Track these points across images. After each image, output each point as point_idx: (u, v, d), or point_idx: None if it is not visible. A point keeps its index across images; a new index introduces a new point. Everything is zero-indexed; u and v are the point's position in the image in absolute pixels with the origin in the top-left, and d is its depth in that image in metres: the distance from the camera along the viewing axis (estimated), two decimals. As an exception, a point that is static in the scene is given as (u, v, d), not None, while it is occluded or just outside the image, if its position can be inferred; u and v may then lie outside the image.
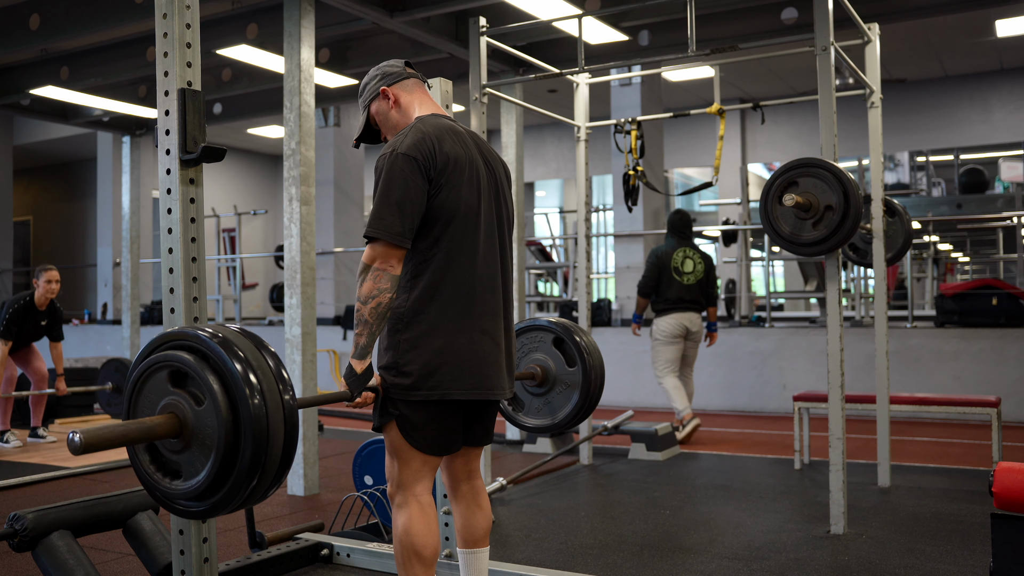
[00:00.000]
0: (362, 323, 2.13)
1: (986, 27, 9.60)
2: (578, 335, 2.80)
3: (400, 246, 2.14)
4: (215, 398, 1.74)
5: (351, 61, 6.57)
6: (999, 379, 7.01)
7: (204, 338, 1.79)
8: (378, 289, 2.12)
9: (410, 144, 2.17)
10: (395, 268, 2.14)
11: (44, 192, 15.99)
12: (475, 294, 2.24)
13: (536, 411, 2.89)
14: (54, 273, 6.16)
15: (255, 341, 1.83)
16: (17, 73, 7.22)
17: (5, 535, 2.50)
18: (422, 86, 2.43)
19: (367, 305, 2.12)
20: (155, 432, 1.78)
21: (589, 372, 2.78)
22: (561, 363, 2.84)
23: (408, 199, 2.13)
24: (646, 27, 5.84)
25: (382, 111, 2.38)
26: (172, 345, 1.84)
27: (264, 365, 1.78)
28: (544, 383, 2.86)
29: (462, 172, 2.23)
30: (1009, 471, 2.32)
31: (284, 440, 1.77)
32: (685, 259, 6.23)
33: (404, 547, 2.22)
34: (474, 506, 2.44)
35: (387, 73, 2.39)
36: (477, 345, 2.22)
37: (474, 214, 2.25)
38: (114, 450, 5.98)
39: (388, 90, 2.37)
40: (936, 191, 14.12)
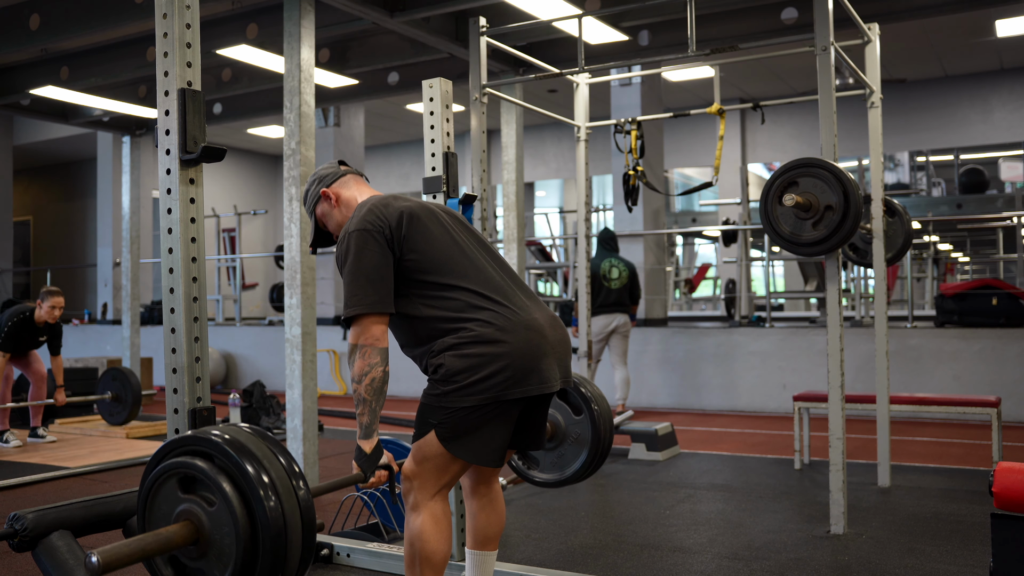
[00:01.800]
0: (361, 402, 2.14)
1: (986, 27, 9.60)
2: (583, 386, 2.81)
3: (380, 313, 2.15)
4: (231, 505, 1.72)
5: (351, 61, 6.57)
6: (999, 379, 7.01)
7: (216, 443, 1.78)
8: (369, 365, 2.13)
9: (358, 220, 2.23)
10: (381, 341, 2.15)
11: (44, 192, 15.99)
12: (504, 300, 2.23)
13: (549, 467, 2.91)
14: (59, 300, 6.15)
15: (266, 440, 1.82)
16: (17, 73, 7.22)
17: (5, 535, 2.50)
18: (359, 179, 2.49)
19: (362, 384, 2.13)
20: (172, 542, 1.76)
21: (597, 422, 2.79)
22: (568, 414, 2.85)
23: (372, 268, 2.17)
24: (646, 27, 5.84)
25: (326, 212, 2.44)
26: (182, 451, 1.83)
27: (277, 465, 1.77)
28: (554, 438, 2.87)
29: (419, 219, 2.27)
30: (1009, 471, 2.32)
31: (303, 537, 1.75)
32: (611, 268, 7.35)
33: (415, 551, 2.22)
34: (489, 508, 2.44)
35: (323, 176, 2.46)
36: (524, 343, 2.18)
37: (455, 243, 2.28)
38: (114, 451, 5.98)
39: (328, 191, 2.43)
40: (936, 191, 14.13)
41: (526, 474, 2.93)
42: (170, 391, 2.21)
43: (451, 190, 3.04)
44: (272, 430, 6.72)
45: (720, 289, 12.15)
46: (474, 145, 4.20)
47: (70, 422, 7.20)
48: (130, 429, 6.71)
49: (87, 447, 6.19)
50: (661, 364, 8.34)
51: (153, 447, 6.11)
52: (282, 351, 10.05)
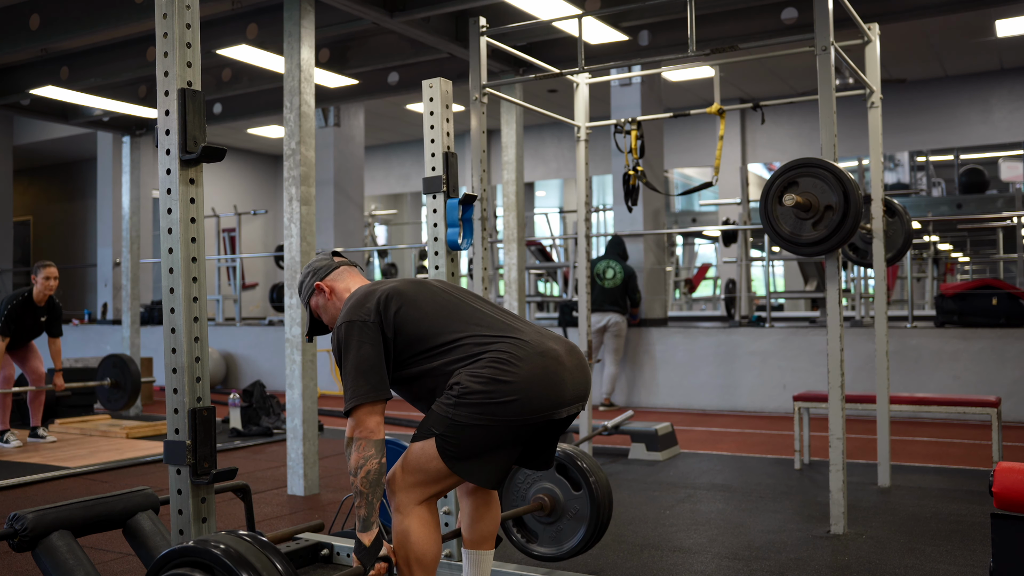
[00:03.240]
0: (359, 495, 2.15)
1: (986, 27, 9.60)
2: (580, 460, 2.81)
3: (375, 401, 2.16)
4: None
5: (351, 61, 6.57)
6: (999, 379, 7.01)
7: (217, 555, 1.79)
8: (364, 458, 2.14)
9: (346, 312, 2.27)
10: (376, 433, 2.16)
11: (44, 192, 15.98)
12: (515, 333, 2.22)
13: (548, 540, 2.92)
14: (52, 270, 6.16)
15: (264, 548, 1.82)
16: (17, 73, 7.22)
17: (5, 535, 2.50)
18: (352, 270, 2.52)
19: (358, 476, 2.14)
20: None
21: (596, 497, 2.80)
22: (567, 489, 2.86)
23: (362, 359, 2.19)
24: (646, 27, 5.84)
25: (321, 304, 2.48)
26: (183, 562, 1.83)
27: (273, 572, 1.78)
28: (553, 512, 2.88)
29: (404, 293, 2.29)
30: (1009, 471, 2.31)
31: None
32: (607, 268, 7.91)
33: (407, 553, 2.22)
34: (484, 508, 2.44)
35: (317, 269, 2.50)
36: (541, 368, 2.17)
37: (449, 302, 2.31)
38: (115, 450, 5.98)
39: (321, 284, 2.46)
40: (936, 191, 14.13)
41: (525, 547, 2.95)
42: (170, 391, 2.21)
43: (451, 190, 3.04)
44: (272, 430, 6.72)
45: (720, 289, 12.15)
46: (474, 145, 4.20)
47: (70, 422, 7.20)
48: (130, 429, 6.71)
49: (87, 447, 6.19)
50: (661, 364, 8.34)
51: (153, 447, 6.11)
52: (282, 351, 10.04)
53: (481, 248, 4.43)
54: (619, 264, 7.95)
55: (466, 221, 3.04)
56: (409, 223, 17.57)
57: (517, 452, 2.24)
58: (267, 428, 6.70)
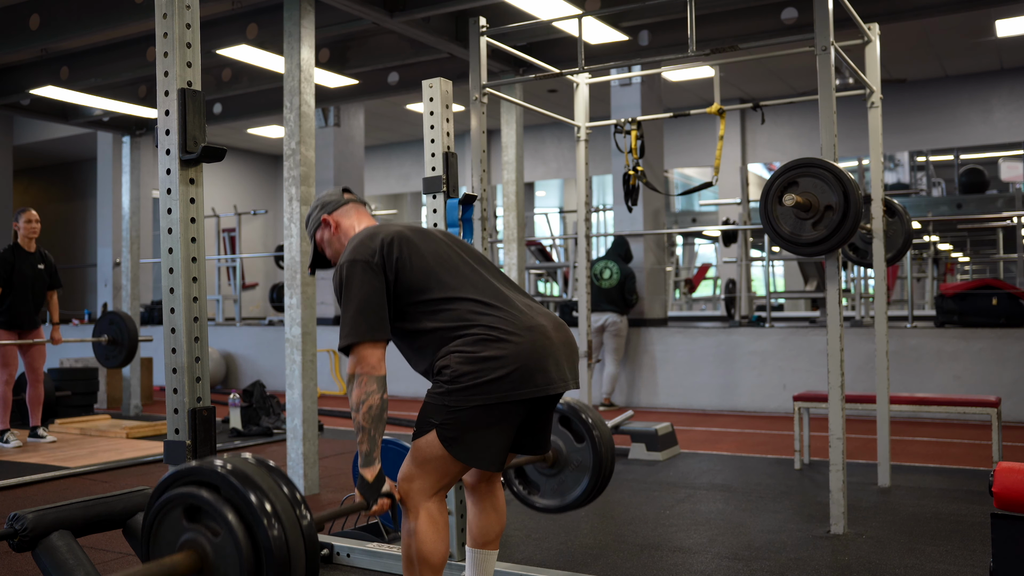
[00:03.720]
0: (360, 431, 2.15)
1: (986, 27, 9.60)
2: (583, 412, 2.81)
3: (374, 341, 2.17)
4: (235, 535, 1.72)
5: (351, 61, 6.57)
6: (999, 379, 7.01)
7: (221, 474, 1.79)
8: (366, 393, 2.15)
9: (351, 250, 2.27)
10: (378, 368, 2.17)
11: (44, 192, 15.98)
12: (506, 306, 2.24)
13: (550, 492, 2.91)
14: (32, 213, 6.25)
15: (272, 472, 1.83)
16: (17, 73, 7.22)
17: (5, 535, 2.50)
18: (360, 208, 2.53)
19: (360, 411, 2.15)
20: (176, 571, 1.76)
21: (599, 449, 2.79)
22: (570, 441, 2.85)
23: (365, 298, 2.19)
24: (646, 27, 5.84)
25: (326, 238, 2.50)
26: (188, 481, 1.84)
27: (281, 496, 1.78)
28: (556, 464, 2.87)
29: (410, 239, 2.30)
30: (1009, 471, 2.32)
31: (306, 565, 1.76)
32: (604, 268, 8.00)
33: (413, 552, 2.23)
34: (490, 508, 2.45)
35: (326, 202, 2.51)
36: (529, 344, 2.19)
37: (451, 258, 2.32)
38: (114, 450, 5.98)
39: (328, 218, 2.48)
40: (936, 191, 14.13)
41: (527, 499, 2.94)
42: (170, 391, 2.21)
43: (451, 190, 3.04)
44: (272, 430, 6.72)
45: (720, 289, 12.15)
46: (474, 145, 4.20)
47: (70, 422, 7.21)
48: (130, 429, 6.71)
49: (87, 447, 6.19)
50: (661, 364, 8.34)
51: (153, 447, 6.11)
52: (282, 351, 10.05)
53: (481, 248, 4.43)
54: (617, 265, 8.04)
55: (466, 221, 3.04)
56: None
57: (513, 430, 2.25)
58: (267, 428, 6.70)
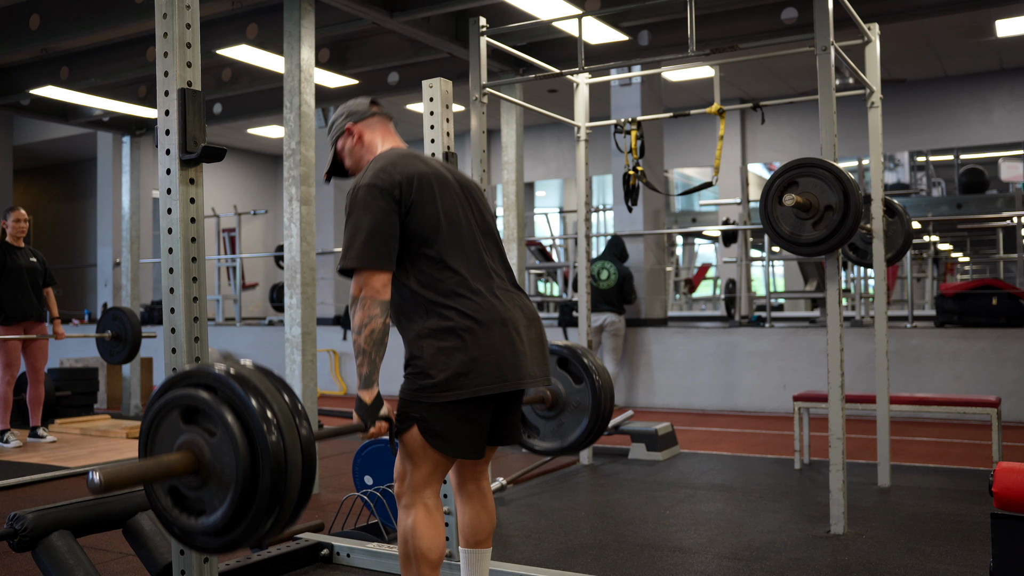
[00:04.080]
0: (361, 353, 2.15)
1: (986, 27, 9.60)
2: (584, 356, 2.81)
3: (381, 269, 2.16)
4: (232, 435, 1.73)
5: (351, 61, 6.57)
6: (999, 379, 7.01)
7: (220, 376, 1.78)
8: (369, 316, 2.14)
9: (372, 174, 2.23)
10: (382, 293, 2.16)
11: (44, 192, 15.98)
12: (487, 290, 2.25)
13: (549, 435, 2.91)
14: (21, 212, 6.28)
15: (270, 377, 1.82)
16: (17, 73, 7.22)
17: (5, 535, 2.50)
18: (386, 123, 2.49)
19: (362, 334, 2.14)
20: (174, 469, 1.77)
21: (598, 391, 2.79)
22: (568, 383, 2.85)
23: (376, 225, 2.17)
24: (646, 27, 5.84)
25: (348, 147, 2.46)
26: (188, 383, 1.83)
27: (280, 401, 1.77)
28: (554, 406, 2.87)
29: (430, 185, 2.27)
30: (1009, 471, 2.32)
31: (302, 474, 1.76)
32: (601, 269, 8.02)
33: (410, 549, 2.23)
34: (479, 507, 2.44)
35: (353, 111, 2.47)
36: (499, 338, 2.21)
37: (459, 220, 2.30)
38: (114, 451, 5.98)
39: (353, 127, 2.44)
40: (936, 191, 14.13)
41: (526, 443, 2.92)
42: (170, 391, 2.21)
43: (451, 190, 3.04)
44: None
45: (720, 289, 12.15)
46: (474, 145, 4.20)
47: (70, 422, 7.20)
48: (130, 429, 6.71)
49: (87, 447, 6.19)
50: (661, 364, 8.34)
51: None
52: (282, 351, 10.04)
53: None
54: (614, 265, 8.04)
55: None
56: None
57: (486, 422, 2.26)
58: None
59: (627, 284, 8.05)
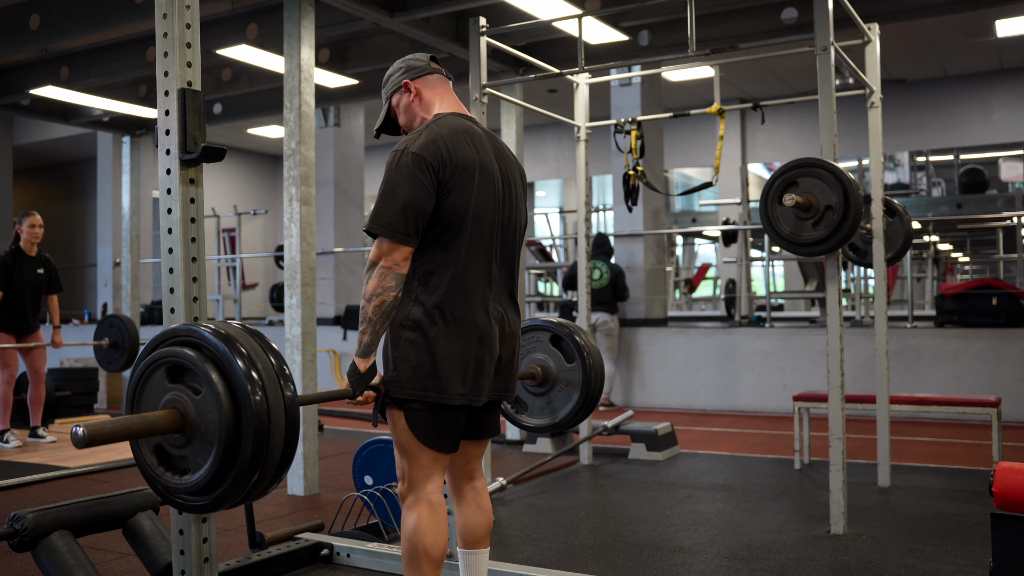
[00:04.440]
0: (366, 321, 2.13)
1: (986, 27, 9.60)
2: (577, 335, 2.81)
3: (405, 244, 2.13)
4: (216, 393, 1.74)
5: (351, 61, 6.57)
6: (999, 379, 7.01)
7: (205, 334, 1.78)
8: (383, 287, 2.12)
9: (422, 144, 2.16)
10: (401, 267, 2.14)
11: (44, 192, 15.98)
12: (478, 302, 2.22)
13: (539, 411, 2.89)
14: (37, 218, 6.20)
15: (256, 337, 1.82)
16: (17, 73, 7.22)
17: (5, 535, 2.50)
18: (446, 83, 2.40)
19: (371, 303, 2.12)
20: (158, 426, 1.77)
21: (589, 370, 2.78)
22: (560, 361, 2.84)
23: (413, 199, 2.12)
24: (646, 27, 5.84)
25: (403, 104, 2.38)
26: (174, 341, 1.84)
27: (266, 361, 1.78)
28: (545, 383, 2.86)
29: (472, 176, 2.20)
30: (1009, 471, 2.32)
31: (285, 436, 1.77)
32: (593, 269, 7.88)
33: (414, 546, 2.22)
34: (475, 506, 2.44)
35: (411, 67, 2.38)
36: (472, 354, 2.20)
37: (485, 220, 2.23)
38: (114, 450, 5.98)
39: (411, 83, 2.36)
40: (936, 191, 14.13)
41: (515, 419, 2.91)
42: (170, 391, 2.21)
43: (451, 190, 3.04)
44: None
45: (720, 289, 12.15)
46: (474, 145, 4.20)
47: (70, 422, 7.21)
48: (130, 429, 6.70)
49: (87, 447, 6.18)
50: (661, 364, 8.34)
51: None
52: (282, 351, 10.03)
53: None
54: (605, 264, 8.01)
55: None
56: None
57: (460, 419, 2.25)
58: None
59: (619, 282, 8.03)
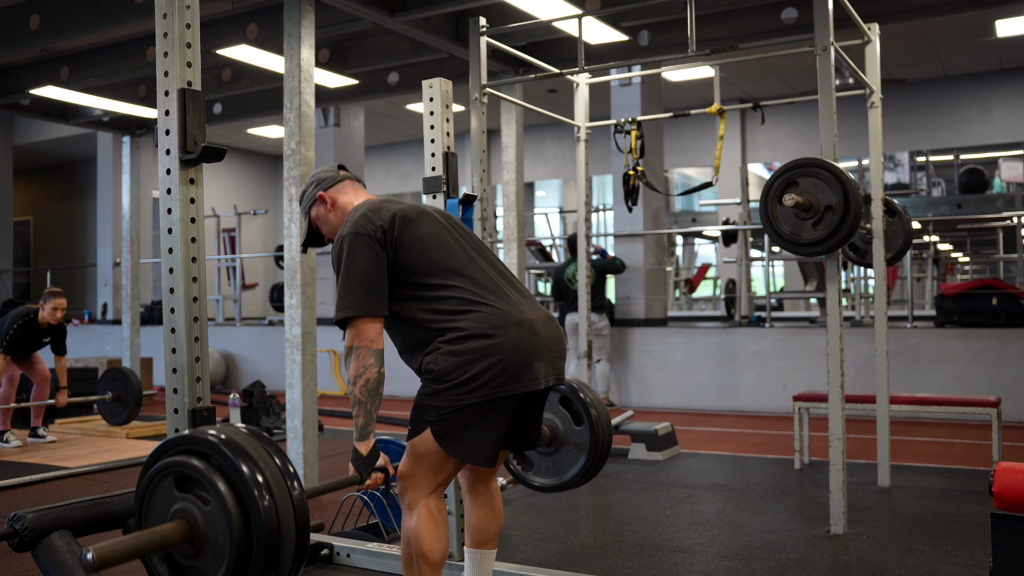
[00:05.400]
0: (357, 404, 2.15)
1: (986, 27, 9.60)
2: (583, 392, 2.82)
3: (373, 316, 2.16)
4: (225, 505, 1.73)
5: (351, 61, 6.57)
6: (999, 379, 7.01)
7: (212, 442, 1.78)
8: (364, 366, 2.14)
9: (352, 224, 2.25)
10: (376, 342, 2.16)
11: (44, 192, 15.98)
12: (496, 299, 2.23)
13: (544, 471, 2.92)
14: (62, 301, 6.18)
15: (262, 441, 1.82)
16: (17, 73, 7.22)
17: (5, 535, 2.50)
18: (356, 185, 2.51)
19: (357, 385, 2.14)
20: (168, 540, 1.76)
21: (597, 434, 2.80)
22: (568, 422, 2.86)
23: (365, 271, 2.18)
24: (646, 27, 5.84)
25: (322, 215, 2.46)
26: (181, 450, 1.83)
27: (272, 465, 1.77)
28: (552, 443, 2.88)
29: (411, 219, 2.28)
30: (1009, 471, 2.31)
31: (296, 536, 1.76)
32: (576, 271, 7.78)
33: (413, 550, 2.22)
34: (487, 507, 2.45)
35: (322, 179, 2.48)
36: (516, 340, 2.18)
37: (447, 242, 2.30)
38: (114, 450, 5.98)
39: (324, 194, 2.45)
40: (936, 191, 14.12)
41: (523, 478, 2.93)
42: (170, 391, 2.21)
43: (451, 190, 3.04)
44: (272, 430, 6.72)
45: (720, 289, 12.15)
46: (474, 145, 4.20)
47: (70, 422, 7.20)
48: (130, 429, 6.71)
49: (87, 447, 6.19)
50: (661, 364, 8.34)
51: (153, 447, 6.10)
52: (282, 351, 10.04)
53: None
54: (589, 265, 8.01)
55: (466, 221, 3.04)
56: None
57: (505, 425, 2.24)
58: (267, 428, 6.70)
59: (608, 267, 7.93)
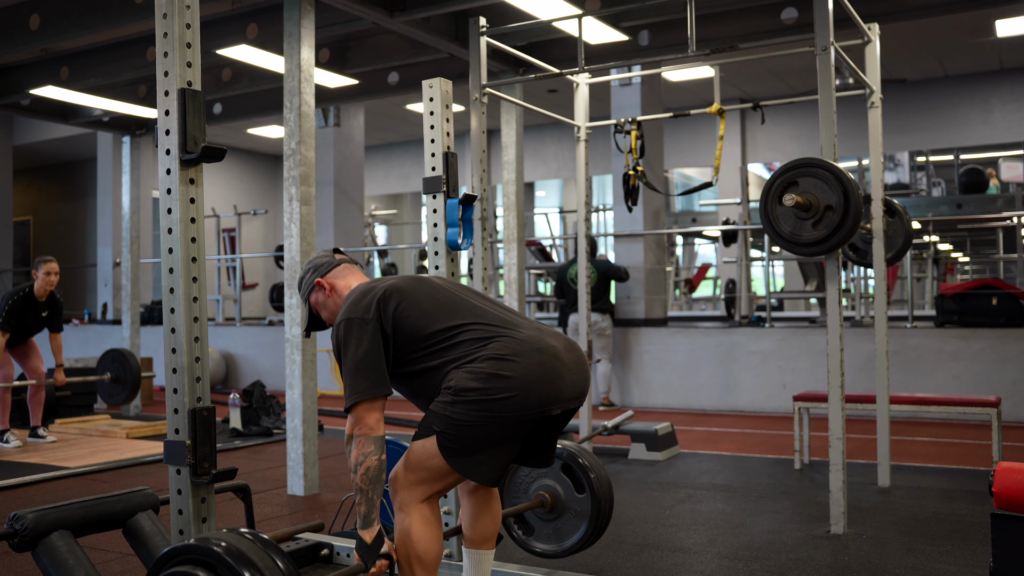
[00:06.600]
0: (359, 492, 2.15)
1: (986, 27, 9.60)
2: (582, 457, 2.83)
3: (374, 397, 2.16)
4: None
5: (351, 61, 6.57)
6: (999, 379, 7.01)
7: (217, 552, 1.78)
8: (363, 454, 2.14)
9: (345, 311, 2.27)
10: (375, 430, 2.16)
11: (44, 192, 15.98)
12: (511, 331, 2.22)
13: (545, 537, 2.93)
14: (53, 265, 6.19)
15: (266, 546, 1.81)
16: (17, 73, 7.22)
17: (5, 535, 2.50)
18: (353, 268, 2.53)
19: (358, 473, 2.14)
20: None
21: (598, 502, 2.81)
22: (570, 489, 2.87)
23: (361, 356, 2.18)
24: (646, 27, 5.84)
25: (321, 300, 2.48)
26: (186, 559, 1.82)
27: (275, 569, 1.77)
28: (554, 509, 2.89)
29: (399, 291, 2.28)
30: (1009, 471, 2.31)
31: None
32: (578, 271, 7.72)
33: (408, 552, 2.22)
34: (485, 508, 2.45)
35: (319, 265, 2.50)
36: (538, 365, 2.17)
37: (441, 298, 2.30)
38: (114, 450, 5.98)
39: (322, 281, 2.47)
40: (936, 191, 14.12)
41: (525, 543, 2.95)
42: (170, 391, 2.21)
43: (451, 190, 3.04)
44: (272, 430, 6.72)
45: (720, 289, 12.15)
46: (474, 145, 4.20)
47: (70, 422, 7.20)
48: (130, 429, 6.71)
49: (87, 447, 6.19)
50: (661, 364, 8.34)
51: (153, 447, 6.10)
52: (282, 351, 10.04)
53: (481, 248, 4.43)
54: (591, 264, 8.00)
55: (466, 221, 3.04)
56: (409, 223, 17.57)
57: (516, 449, 2.23)
58: (267, 428, 6.70)
59: (611, 271, 7.99)
